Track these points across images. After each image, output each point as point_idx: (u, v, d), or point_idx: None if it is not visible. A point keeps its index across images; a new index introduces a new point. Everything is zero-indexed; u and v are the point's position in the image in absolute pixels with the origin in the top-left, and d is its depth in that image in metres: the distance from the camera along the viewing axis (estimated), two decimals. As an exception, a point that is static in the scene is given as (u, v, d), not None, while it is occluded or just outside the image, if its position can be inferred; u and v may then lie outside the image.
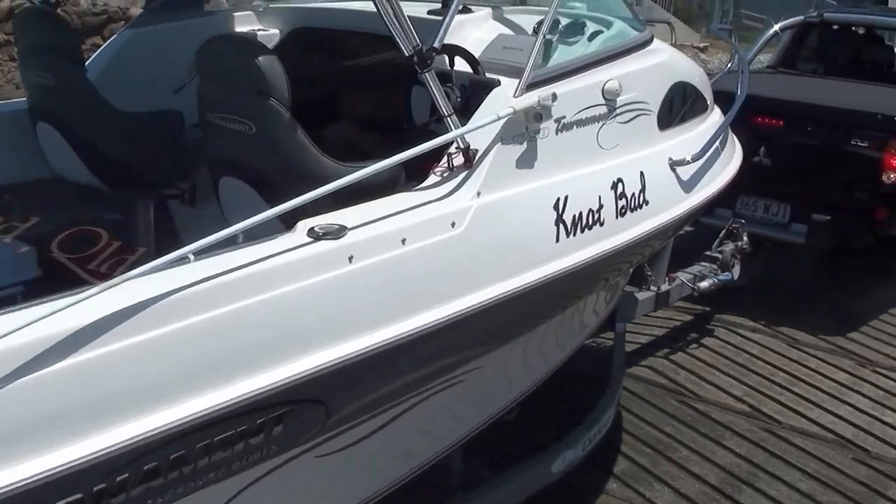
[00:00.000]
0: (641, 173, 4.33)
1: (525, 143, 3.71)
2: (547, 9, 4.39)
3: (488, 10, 4.73)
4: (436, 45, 3.47)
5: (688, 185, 4.82)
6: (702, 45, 22.60)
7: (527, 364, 4.41)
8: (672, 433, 5.95)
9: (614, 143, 4.24)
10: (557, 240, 3.74)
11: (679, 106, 5.01)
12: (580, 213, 3.86)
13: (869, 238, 7.71)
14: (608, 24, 4.77)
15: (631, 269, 5.34)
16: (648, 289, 6.15)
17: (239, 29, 5.11)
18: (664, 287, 6.25)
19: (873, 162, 7.28)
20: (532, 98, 3.66)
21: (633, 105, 4.41)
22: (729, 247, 6.88)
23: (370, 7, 3.22)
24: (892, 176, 7.24)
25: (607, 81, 4.18)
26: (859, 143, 7.32)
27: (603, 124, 4.16)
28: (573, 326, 4.75)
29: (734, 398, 6.51)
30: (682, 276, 6.48)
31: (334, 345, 2.82)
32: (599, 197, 4.01)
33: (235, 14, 5.24)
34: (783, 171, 7.63)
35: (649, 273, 6.10)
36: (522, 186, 3.67)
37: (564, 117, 3.91)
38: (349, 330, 2.87)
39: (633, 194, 4.24)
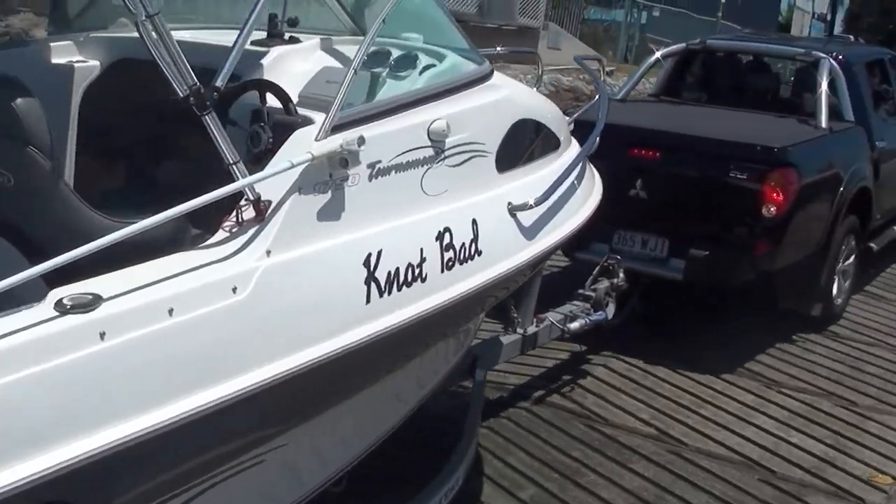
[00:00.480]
0: (474, 221, 4.01)
1: (329, 193, 3.31)
2: (389, 39, 4.21)
3: (317, 41, 4.48)
4: (218, 83, 3.16)
5: (531, 231, 4.47)
6: (608, 69, 22.83)
7: (348, 433, 3.99)
8: (580, 458, 5.85)
9: (442, 188, 3.89)
10: (368, 300, 3.37)
11: (523, 145, 4.73)
12: (397, 270, 3.50)
13: (749, 274, 7.35)
14: (441, 57, 4.43)
15: (481, 319, 5.05)
16: (514, 331, 5.87)
17: (56, 60, 4.54)
18: (531, 329, 5.95)
19: (753, 195, 7.06)
20: (334, 142, 3.29)
21: (466, 146, 4.08)
22: (603, 284, 6.55)
23: (200, 37, 3.03)
24: (772, 210, 7.04)
25: (434, 121, 3.85)
26: (738, 176, 7.08)
27: (428, 168, 3.81)
28: (408, 386, 4.37)
29: (641, 422, 6.43)
30: (552, 316, 6.19)
31: (80, 438, 2.41)
32: (421, 250, 3.66)
33: (52, 44, 4.66)
34: (661, 204, 7.42)
35: (515, 314, 5.79)
36: (325, 242, 3.28)
37: (380, 162, 3.54)
38: (98, 420, 2.47)
39: (463, 245, 3.91)
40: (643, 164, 7.43)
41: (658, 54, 9.69)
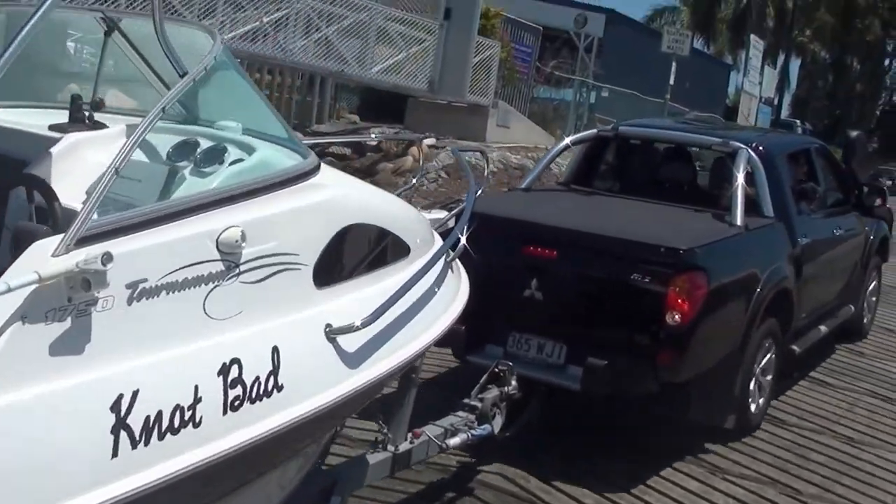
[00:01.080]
0: (275, 350, 3.39)
1: (68, 321, 2.73)
2: (196, 128, 3.78)
3: (123, 126, 3.96)
4: None
5: (356, 358, 3.82)
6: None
7: None
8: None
9: (232, 310, 3.27)
10: (116, 453, 2.79)
11: (355, 255, 4.15)
12: (159, 414, 2.91)
13: (652, 385, 6.63)
14: (251, 150, 3.89)
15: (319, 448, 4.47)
16: (384, 448, 5.27)
17: None
18: (404, 446, 5.33)
19: (656, 300, 6.40)
20: (70, 260, 2.70)
21: (271, 258, 3.45)
22: (492, 394, 5.89)
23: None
24: (676, 317, 6.35)
25: (225, 230, 3.21)
26: (641, 279, 6.43)
27: (215, 287, 3.18)
28: None
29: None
30: (430, 430, 5.56)
31: None
32: (196, 387, 3.05)
33: None
34: (558, 306, 6.82)
35: (385, 431, 5.25)
36: (59, 382, 2.70)
37: (145, 281, 2.94)
38: None
39: (257, 379, 3.28)
40: (539, 262, 6.79)
41: (567, 140, 9.24)
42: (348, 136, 20.26)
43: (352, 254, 4.10)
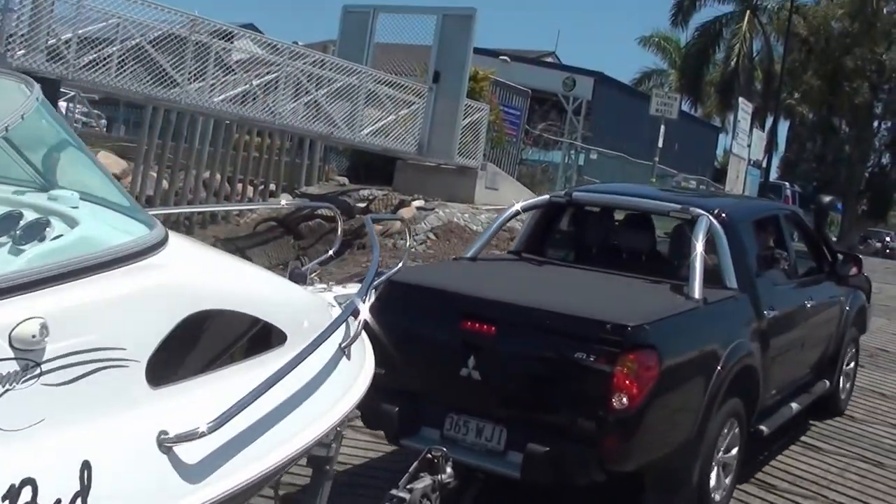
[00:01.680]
0: (86, 465, 2.81)
1: None
2: (22, 199, 3.38)
3: None
4: None
5: (199, 471, 3.20)
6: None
7: None
8: None
9: (30, 419, 2.73)
10: None
11: (208, 347, 3.56)
12: None
13: (597, 474, 5.99)
14: (75, 224, 3.37)
15: None
16: None
17: None
18: None
19: (601, 382, 5.77)
20: None
21: (88, 354, 2.89)
22: (423, 483, 5.24)
23: None
24: (623, 400, 5.73)
25: (20, 323, 2.68)
26: (585, 358, 5.80)
27: (5, 391, 2.65)
28: None
29: None
30: None
31: None
32: None
33: None
34: (497, 387, 6.21)
35: None
36: None
37: None
38: None
39: (58, 503, 2.71)
40: (478, 338, 6.14)
41: (517, 206, 8.37)
42: (258, 203, 20.23)
43: (204, 346, 3.52)
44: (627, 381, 5.72)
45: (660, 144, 31.48)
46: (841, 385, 9.93)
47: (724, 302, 7.00)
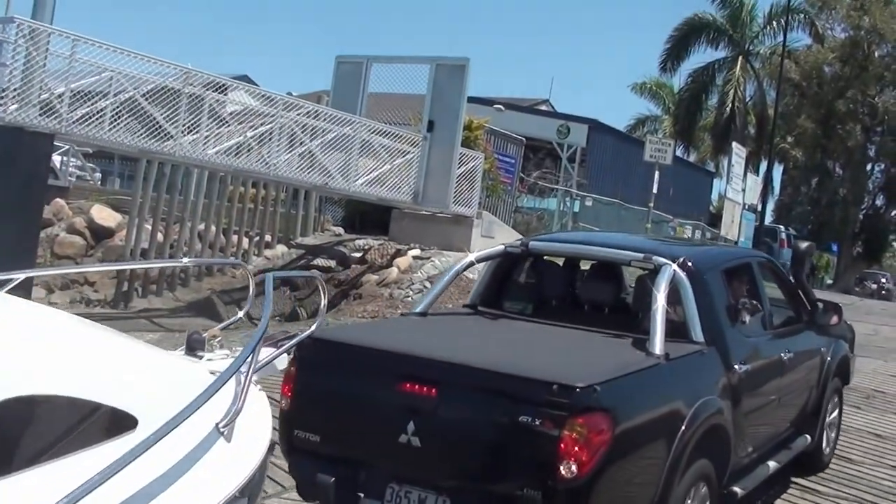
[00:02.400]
0: None
1: None
2: None
3: None
4: None
5: None
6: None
7: None
8: None
9: None
10: None
11: (29, 438, 3.21)
12: None
13: None
14: None
15: None
16: None
17: None
18: None
19: (549, 448, 5.28)
20: None
21: None
22: None
23: None
24: (573, 468, 5.25)
25: None
26: (532, 423, 5.30)
27: None
28: None
29: None
30: None
31: None
32: None
33: None
34: (440, 454, 5.70)
35: None
36: None
37: None
38: None
39: None
40: (417, 401, 5.65)
41: (471, 257, 7.94)
42: (163, 261, 20.09)
43: (26, 437, 3.16)
44: (576, 448, 5.23)
45: (654, 190, 31.55)
46: (825, 439, 9.36)
47: (688, 357, 6.53)
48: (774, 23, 52.83)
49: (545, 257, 8.13)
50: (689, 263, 7.03)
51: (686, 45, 54.42)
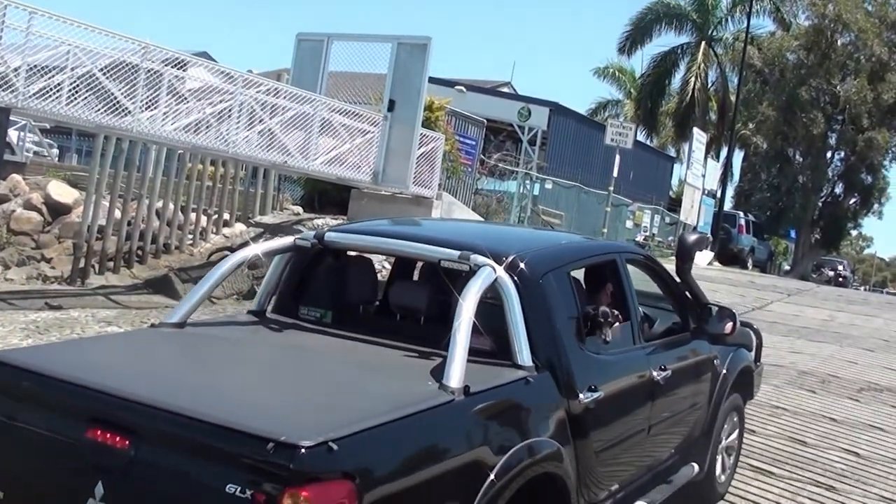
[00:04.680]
0: None
1: None
2: None
3: None
4: None
5: None
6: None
7: None
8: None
9: None
10: None
11: None
12: None
13: None
14: None
15: None
16: None
17: None
18: None
19: None
20: None
21: None
22: None
23: None
24: None
25: None
26: (242, 495, 3.82)
27: None
28: None
29: None
30: None
31: None
32: None
33: None
34: None
35: None
36: None
37: None
38: None
39: None
40: (107, 455, 4.17)
41: (256, 250, 6.35)
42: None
43: None
44: None
45: (615, 174, 31.68)
46: (718, 466, 7.97)
47: (502, 389, 5.09)
48: (738, 8, 53.05)
49: (349, 252, 6.54)
50: (521, 264, 5.60)
51: (648, 29, 54.55)
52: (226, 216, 22.24)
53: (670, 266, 7.63)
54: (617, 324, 6.27)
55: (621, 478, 6.22)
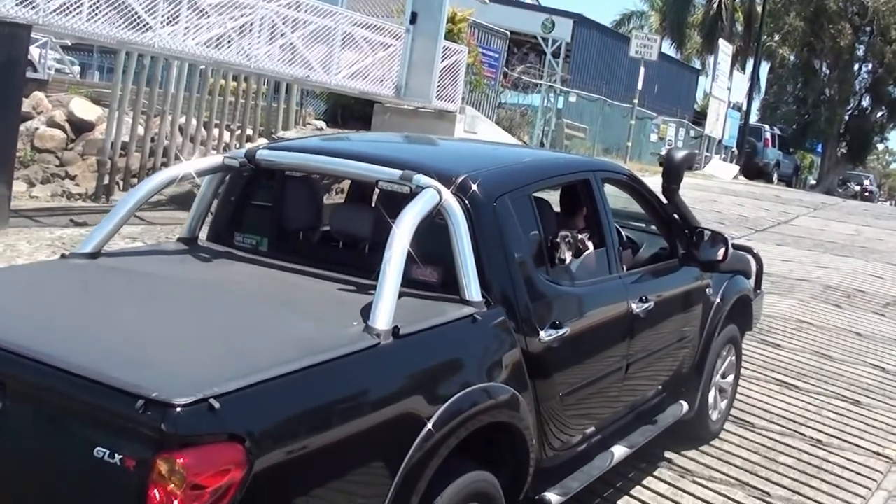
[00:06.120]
0: None
1: None
2: None
3: None
4: None
5: None
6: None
7: None
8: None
9: None
10: None
11: None
12: None
13: None
14: None
15: None
16: None
17: None
18: None
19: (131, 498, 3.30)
20: None
21: None
22: None
23: None
24: None
25: None
26: (110, 461, 3.30)
27: None
28: None
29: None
30: None
31: None
32: None
33: None
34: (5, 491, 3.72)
35: None
36: None
37: None
38: None
39: None
40: None
41: (187, 168, 5.57)
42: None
43: None
44: (170, 499, 3.27)
45: (639, 87, 31.38)
46: (709, 404, 7.44)
47: (442, 329, 4.51)
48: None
49: (288, 172, 5.70)
50: (473, 186, 4.96)
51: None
52: (248, 131, 22.10)
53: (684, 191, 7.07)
54: (590, 251, 5.86)
55: (596, 420, 5.79)
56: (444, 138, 8.36)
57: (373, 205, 5.66)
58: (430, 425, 4.08)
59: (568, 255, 5.50)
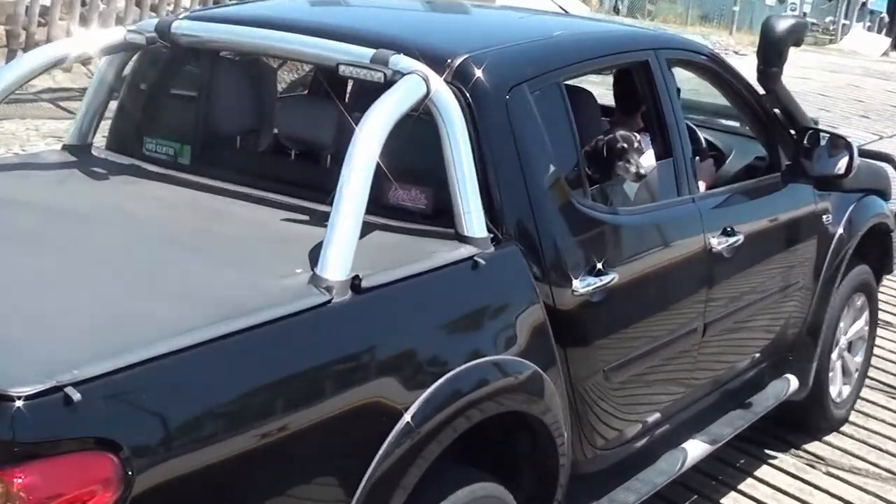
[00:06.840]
0: None
1: None
2: None
3: None
4: None
5: None
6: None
7: None
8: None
9: None
10: None
11: None
12: None
13: None
14: None
15: None
16: None
17: None
18: None
19: None
20: None
21: None
22: None
23: None
24: None
25: None
26: None
27: None
28: None
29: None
30: None
31: None
32: None
33: None
34: None
35: None
36: None
37: None
38: None
39: None
40: None
41: (78, 45, 4.33)
42: None
43: None
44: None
45: None
46: (832, 378, 6.00)
47: (425, 279, 3.30)
48: None
49: (220, 53, 4.38)
50: (478, 71, 3.66)
51: None
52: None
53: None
54: (650, 162, 4.55)
55: (660, 406, 4.61)
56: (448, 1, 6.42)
57: (345, 100, 4.38)
58: (407, 417, 3.08)
59: (629, 171, 4.39)
